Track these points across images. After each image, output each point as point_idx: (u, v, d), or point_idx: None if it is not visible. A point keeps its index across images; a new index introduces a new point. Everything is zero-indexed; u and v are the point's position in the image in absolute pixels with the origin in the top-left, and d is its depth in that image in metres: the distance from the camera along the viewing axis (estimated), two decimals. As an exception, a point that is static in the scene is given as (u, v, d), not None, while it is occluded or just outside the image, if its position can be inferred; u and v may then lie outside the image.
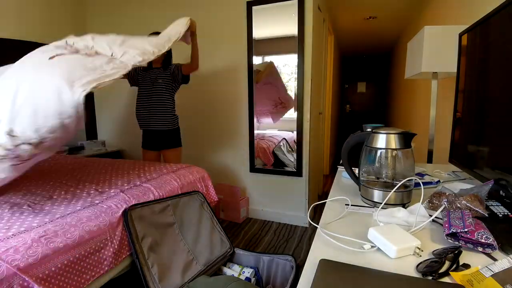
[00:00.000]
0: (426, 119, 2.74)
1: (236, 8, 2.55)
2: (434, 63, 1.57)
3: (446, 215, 0.72)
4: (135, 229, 1.42)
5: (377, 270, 0.57)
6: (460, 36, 1.26)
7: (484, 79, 1.05)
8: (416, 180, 0.86)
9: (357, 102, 7.67)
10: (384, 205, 0.85)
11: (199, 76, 2.81)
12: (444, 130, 2.12)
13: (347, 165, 1.04)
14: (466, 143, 1.17)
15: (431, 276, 0.55)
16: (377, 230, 0.67)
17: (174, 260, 1.47)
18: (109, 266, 1.28)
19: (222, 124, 2.80)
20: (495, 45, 0.97)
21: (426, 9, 3.08)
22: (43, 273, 1.03)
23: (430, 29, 1.55)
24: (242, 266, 1.60)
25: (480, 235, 0.62)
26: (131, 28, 3.02)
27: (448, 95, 2.09)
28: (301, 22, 2.35)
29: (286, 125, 2.59)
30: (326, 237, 0.72)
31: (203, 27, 2.72)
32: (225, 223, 2.65)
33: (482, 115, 1.05)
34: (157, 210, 1.59)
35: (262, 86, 2.59)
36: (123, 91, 3.20)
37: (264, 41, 2.52)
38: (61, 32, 2.99)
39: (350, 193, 1.03)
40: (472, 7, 1.79)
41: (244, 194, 2.80)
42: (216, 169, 2.87)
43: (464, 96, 1.22)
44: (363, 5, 3.51)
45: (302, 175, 2.56)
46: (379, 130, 0.90)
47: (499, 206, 0.80)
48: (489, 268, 0.55)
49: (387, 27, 4.51)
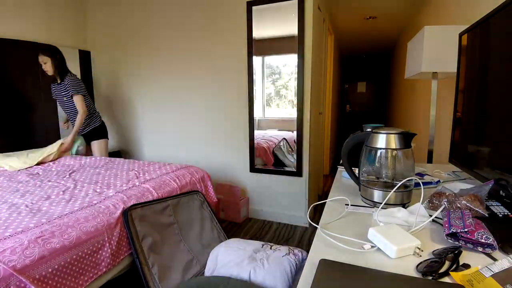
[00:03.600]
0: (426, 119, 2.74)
1: (236, 8, 2.54)
2: (434, 63, 1.57)
3: (446, 215, 0.72)
4: (136, 229, 1.41)
5: (377, 270, 0.57)
6: (460, 36, 1.26)
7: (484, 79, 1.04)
8: (416, 180, 0.86)
9: (357, 102, 7.67)
10: (384, 205, 0.85)
11: (199, 76, 2.81)
12: (444, 130, 2.12)
13: (347, 165, 1.04)
14: (466, 143, 1.17)
15: (431, 276, 0.55)
16: (377, 230, 0.67)
17: (174, 260, 1.47)
18: (107, 267, 1.27)
19: (222, 124, 2.80)
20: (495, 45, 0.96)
21: (426, 9, 3.08)
22: (40, 274, 1.02)
23: (430, 29, 1.55)
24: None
25: (480, 235, 0.61)
26: (131, 28, 3.02)
27: (448, 95, 2.09)
28: (301, 22, 2.34)
29: (286, 125, 2.59)
30: (326, 237, 0.71)
31: (203, 27, 2.72)
32: (225, 223, 2.64)
33: (482, 115, 1.05)
34: (157, 210, 1.59)
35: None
36: (123, 91, 3.20)
37: (264, 41, 2.51)
38: (61, 32, 3.00)
39: (350, 193, 1.03)
40: (472, 7, 1.78)
41: (244, 194, 2.80)
42: (216, 169, 2.87)
43: (464, 96, 1.22)
44: (363, 5, 3.51)
45: (302, 175, 2.56)
46: (379, 130, 0.90)
47: (499, 206, 0.80)
48: (489, 268, 0.54)
49: (387, 27, 4.51)
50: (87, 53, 3.24)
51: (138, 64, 3.07)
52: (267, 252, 1.30)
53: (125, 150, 3.33)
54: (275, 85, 2.58)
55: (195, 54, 2.78)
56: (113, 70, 3.21)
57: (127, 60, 3.12)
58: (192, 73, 2.83)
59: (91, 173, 1.97)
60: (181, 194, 1.77)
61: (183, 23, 2.79)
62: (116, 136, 3.34)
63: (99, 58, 3.26)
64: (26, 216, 1.26)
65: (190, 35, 2.77)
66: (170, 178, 1.85)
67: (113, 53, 3.17)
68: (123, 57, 3.13)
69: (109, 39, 3.17)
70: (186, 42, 2.80)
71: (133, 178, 1.85)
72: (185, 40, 2.80)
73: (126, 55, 3.11)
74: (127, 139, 3.29)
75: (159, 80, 3.01)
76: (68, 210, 1.34)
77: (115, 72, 3.20)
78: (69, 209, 1.35)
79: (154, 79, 3.03)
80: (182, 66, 2.86)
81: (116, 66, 3.18)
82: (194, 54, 2.79)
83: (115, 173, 1.95)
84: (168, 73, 2.95)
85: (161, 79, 2.99)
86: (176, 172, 1.97)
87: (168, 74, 2.95)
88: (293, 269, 1.20)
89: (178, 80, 2.91)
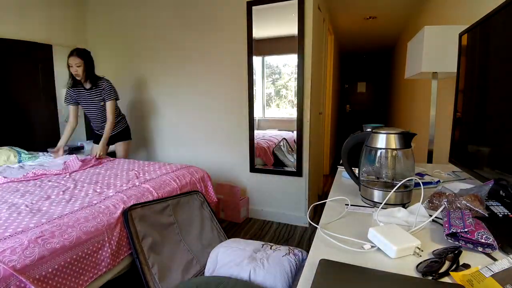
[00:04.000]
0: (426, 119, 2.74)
1: (236, 8, 2.54)
2: (434, 63, 1.57)
3: (446, 215, 0.72)
4: (136, 229, 1.41)
5: (377, 270, 0.57)
6: (460, 36, 1.26)
7: (484, 79, 1.04)
8: (416, 180, 0.86)
9: (357, 102, 7.67)
10: (384, 205, 0.85)
11: (199, 76, 2.81)
12: (444, 130, 2.12)
13: (347, 165, 1.04)
14: (466, 143, 1.16)
15: (431, 276, 0.55)
16: (377, 230, 0.67)
17: (174, 260, 1.47)
18: (107, 267, 1.27)
19: (222, 124, 2.80)
20: (495, 45, 0.96)
21: (426, 9, 3.08)
22: (40, 274, 1.02)
23: (430, 29, 1.55)
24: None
25: (480, 235, 0.61)
26: (131, 28, 3.02)
27: (448, 95, 2.09)
28: (301, 22, 2.34)
29: (286, 125, 2.59)
30: (326, 237, 0.71)
31: (203, 27, 2.72)
32: (225, 223, 2.64)
33: (482, 115, 1.05)
34: (157, 210, 1.59)
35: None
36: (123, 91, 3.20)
37: (264, 41, 2.51)
38: (61, 32, 3.00)
39: (350, 193, 1.03)
40: (472, 7, 1.78)
41: (244, 194, 2.80)
42: (216, 169, 2.87)
43: (464, 96, 1.22)
44: (363, 5, 3.51)
45: (302, 175, 2.56)
46: (379, 130, 0.90)
47: (499, 206, 0.80)
48: (489, 268, 0.54)
49: (387, 27, 4.51)
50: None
51: (138, 64, 3.07)
52: (267, 252, 1.30)
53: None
54: (275, 85, 2.58)
55: (195, 54, 2.78)
56: (113, 70, 3.20)
57: (127, 60, 3.12)
58: (192, 73, 2.83)
59: (91, 173, 1.97)
60: (181, 194, 1.77)
61: (183, 23, 2.79)
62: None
63: (99, 58, 3.26)
64: (26, 216, 1.26)
65: (190, 35, 2.77)
66: (170, 178, 1.85)
67: (113, 53, 3.17)
68: (123, 57, 3.13)
69: (109, 39, 3.17)
70: (186, 42, 2.80)
71: (133, 178, 1.85)
72: (185, 40, 2.80)
73: (126, 55, 3.11)
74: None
75: (158, 80, 3.01)
76: (68, 210, 1.34)
77: (115, 72, 3.20)
78: (69, 209, 1.34)
79: (153, 79, 3.03)
80: (182, 66, 2.87)
81: (116, 66, 3.18)
82: (194, 54, 2.79)
83: (115, 173, 1.95)
84: (168, 73, 2.95)
85: (161, 79, 3.00)
86: (176, 172, 1.97)
87: (168, 74, 2.95)
88: (293, 269, 1.20)
89: (178, 80, 2.91)
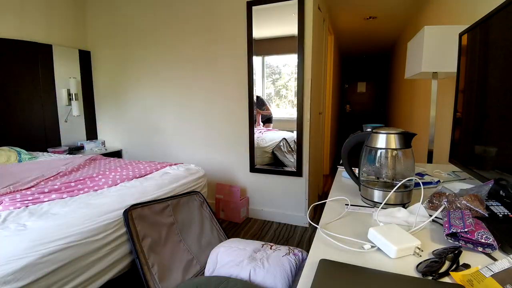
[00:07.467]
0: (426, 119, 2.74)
1: (236, 8, 2.54)
2: (434, 63, 1.57)
3: (446, 215, 0.72)
4: (136, 229, 1.41)
5: (377, 270, 0.57)
6: (460, 36, 1.26)
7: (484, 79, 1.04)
8: (416, 180, 0.86)
9: (357, 102, 7.67)
10: (384, 205, 0.85)
11: (199, 76, 2.81)
12: (444, 130, 2.12)
13: (347, 165, 1.04)
14: (466, 143, 1.17)
15: (431, 276, 0.55)
16: (377, 230, 0.67)
17: (174, 260, 1.47)
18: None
19: (222, 124, 2.80)
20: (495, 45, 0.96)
21: (426, 9, 3.08)
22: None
23: (430, 29, 1.55)
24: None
25: (480, 235, 0.62)
26: (131, 28, 3.02)
27: (448, 95, 2.09)
28: (301, 22, 2.34)
29: (286, 125, 2.59)
30: (326, 237, 0.72)
31: (203, 27, 2.72)
32: (225, 223, 2.65)
33: (482, 115, 1.05)
34: (157, 210, 1.59)
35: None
36: (123, 91, 3.20)
37: (264, 41, 2.51)
38: (61, 32, 3.00)
39: (350, 193, 1.03)
40: (472, 7, 1.78)
41: (244, 194, 2.80)
42: (216, 169, 2.87)
43: (464, 96, 1.22)
44: (363, 5, 3.51)
45: (302, 175, 2.56)
46: (379, 130, 0.90)
47: (499, 206, 0.80)
48: (489, 268, 0.54)
49: (387, 27, 4.51)
50: (87, 53, 3.24)
51: (138, 64, 3.07)
52: (267, 252, 1.30)
53: (126, 149, 3.33)
54: (275, 85, 2.58)
55: (195, 54, 2.78)
56: (113, 70, 3.21)
57: (127, 60, 3.12)
58: (192, 73, 2.84)
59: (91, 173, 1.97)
60: (181, 194, 1.77)
61: (183, 23, 2.79)
62: (117, 136, 3.34)
63: (99, 58, 3.26)
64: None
65: (190, 35, 2.77)
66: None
67: (113, 53, 3.17)
68: (123, 57, 3.13)
69: (109, 39, 3.17)
70: (186, 42, 2.80)
71: (133, 177, 1.85)
72: (185, 40, 2.80)
73: (126, 55, 3.11)
74: (127, 139, 3.29)
75: (158, 80, 3.01)
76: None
77: (115, 72, 3.20)
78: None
79: (154, 79, 3.03)
80: (182, 66, 2.87)
81: (116, 66, 3.18)
82: (194, 54, 2.79)
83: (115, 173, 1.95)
84: (168, 73, 2.95)
85: (160, 79, 2.99)
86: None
87: (168, 74, 2.95)
88: (293, 269, 1.20)
89: (178, 80, 2.91)
